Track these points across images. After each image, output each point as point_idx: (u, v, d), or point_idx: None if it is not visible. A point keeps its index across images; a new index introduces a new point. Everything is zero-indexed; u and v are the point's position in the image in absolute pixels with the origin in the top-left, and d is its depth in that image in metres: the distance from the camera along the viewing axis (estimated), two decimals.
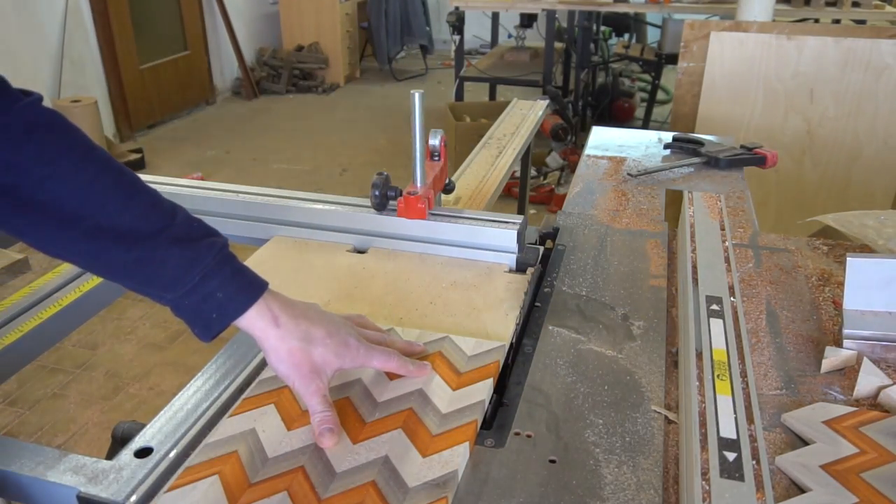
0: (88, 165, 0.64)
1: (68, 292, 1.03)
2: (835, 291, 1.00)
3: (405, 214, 1.02)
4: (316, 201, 1.12)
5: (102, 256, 0.65)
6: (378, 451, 0.67)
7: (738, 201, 1.29)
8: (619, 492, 0.64)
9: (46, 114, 0.63)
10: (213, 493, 0.63)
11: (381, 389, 0.76)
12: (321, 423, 0.68)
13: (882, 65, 2.23)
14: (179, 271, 0.66)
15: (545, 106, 1.83)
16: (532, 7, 3.79)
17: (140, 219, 0.65)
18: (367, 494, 0.62)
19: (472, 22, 4.78)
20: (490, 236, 1.02)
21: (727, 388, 0.71)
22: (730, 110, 2.41)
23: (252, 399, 0.75)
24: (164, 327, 2.67)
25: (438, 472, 0.65)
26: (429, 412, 0.72)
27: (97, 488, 0.67)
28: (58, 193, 0.62)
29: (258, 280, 0.71)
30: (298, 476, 0.64)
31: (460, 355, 0.81)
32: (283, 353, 0.70)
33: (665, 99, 5.18)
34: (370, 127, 5.08)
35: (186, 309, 0.67)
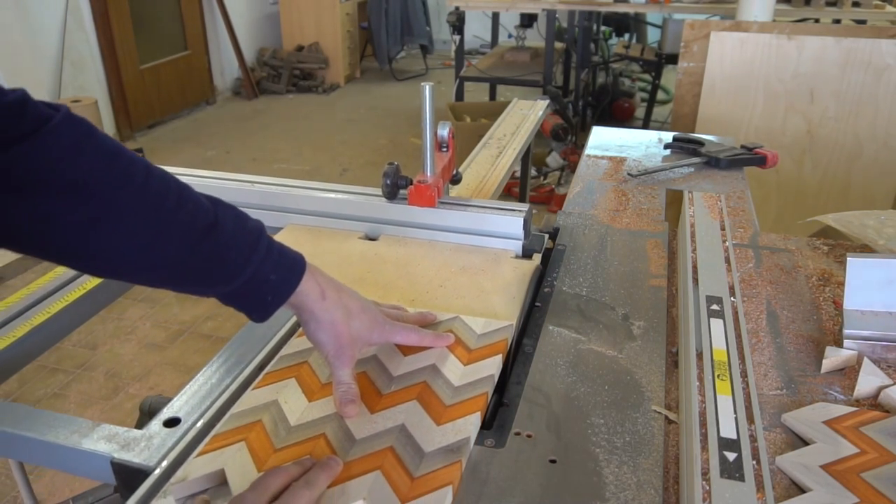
0: (134, 200, 0.61)
1: (69, 291, 1.04)
2: (835, 291, 1.00)
3: (415, 202, 1.06)
4: (329, 191, 1.15)
5: (164, 277, 0.65)
6: (395, 419, 0.71)
7: (739, 201, 1.29)
8: (620, 492, 0.64)
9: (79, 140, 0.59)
10: (240, 457, 0.66)
11: (395, 364, 0.80)
12: (345, 395, 0.71)
13: (882, 65, 2.23)
14: (237, 264, 0.67)
15: (545, 106, 1.83)
16: (532, 7, 3.79)
17: (191, 219, 0.64)
18: (386, 458, 0.65)
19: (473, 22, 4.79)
20: (497, 224, 1.06)
21: (727, 388, 0.71)
22: (730, 110, 2.41)
23: (274, 373, 0.79)
24: (164, 327, 2.67)
25: (452, 439, 0.68)
26: (442, 385, 0.76)
27: (130, 455, 0.71)
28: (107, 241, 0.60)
29: (298, 256, 0.73)
30: (320, 442, 0.68)
31: (470, 334, 0.84)
32: (326, 324, 0.72)
33: (665, 99, 5.18)
34: (370, 127, 5.07)
35: (241, 297, 0.69)
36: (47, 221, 0.56)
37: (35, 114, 0.56)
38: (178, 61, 5.18)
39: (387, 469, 0.64)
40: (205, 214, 0.65)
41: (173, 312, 2.77)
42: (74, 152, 0.56)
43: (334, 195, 1.14)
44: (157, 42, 4.97)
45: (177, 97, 5.20)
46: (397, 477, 0.64)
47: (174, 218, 0.62)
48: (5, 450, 0.78)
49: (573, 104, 4.39)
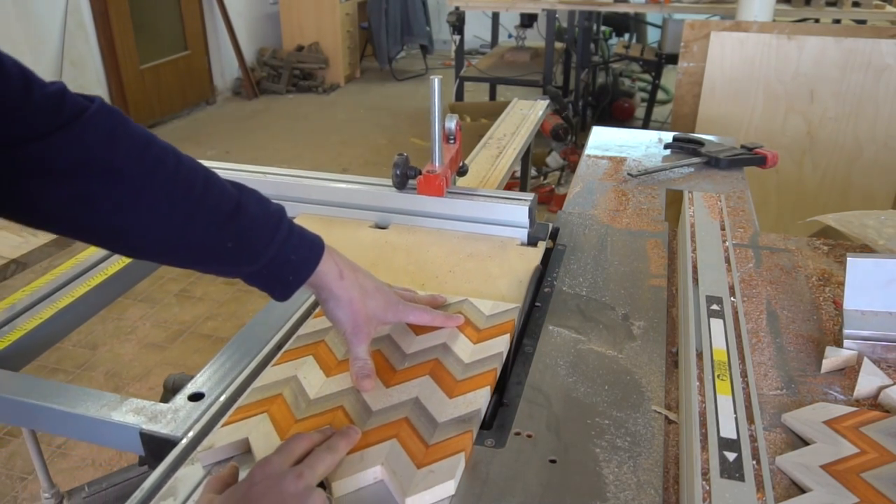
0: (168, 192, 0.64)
1: (91, 276, 1.09)
2: (835, 291, 1.00)
3: (424, 191, 1.10)
4: (340, 181, 1.19)
5: (192, 257, 0.69)
6: (409, 393, 0.74)
7: (739, 201, 1.28)
8: (620, 492, 0.64)
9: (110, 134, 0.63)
10: (263, 427, 0.70)
11: (408, 343, 0.83)
12: (362, 370, 0.75)
13: (882, 65, 2.23)
14: (261, 245, 0.70)
15: (545, 106, 1.83)
16: (532, 7, 3.79)
17: (218, 203, 0.67)
18: (402, 428, 0.69)
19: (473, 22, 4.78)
20: (503, 212, 1.09)
21: (727, 388, 0.71)
22: (730, 110, 2.41)
23: (292, 351, 0.83)
24: (165, 327, 2.67)
25: (464, 410, 0.71)
26: (452, 362, 0.79)
27: (157, 426, 0.76)
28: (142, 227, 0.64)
29: (317, 238, 0.76)
30: (339, 413, 0.72)
31: (479, 315, 0.88)
32: (344, 302, 0.76)
33: (665, 99, 5.18)
34: (370, 127, 5.07)
35: (263, 277, 0.72)
36: (85, 204, 0.60)
37: (73, 104, 0.59)
38: (178, 61, 5.18)
39: (403, 437, 0.68)
40: (230, 199, 0.68)
41: (173, 312, 2.77)
42: (109, 140, 0.60)
43: (345, 185, 1.17)
44: (157, 42, 4.97)
45: (177, 97, 5.20)
46: (413, 444, 0.67)
47: (202, 202, 0.66)
48: (39, 423, 0.83)
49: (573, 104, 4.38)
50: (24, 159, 0.57)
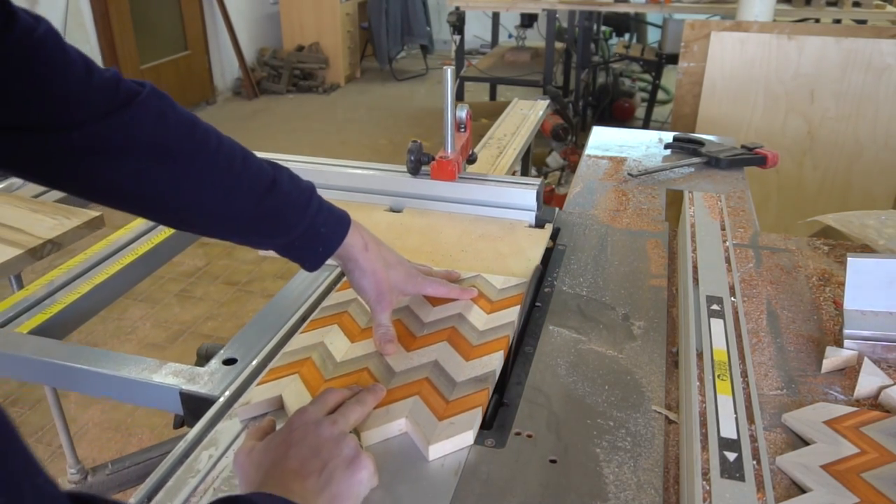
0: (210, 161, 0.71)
1: (122, 256, 1.15)
2: (835, 291, 1.00)
3: (438, 176, 1.16)
4: (356, 167, 1.25)
5: (232, 228, 0.75)
6: (429, 356, 0.80)
7: (739, 201, 1.28)
8: (620, 492, 0.64)
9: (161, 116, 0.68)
10: (295, 386, 0.76)
11: (426, 313, 0.89)
12: (384, 335, 0.82)
13: (883, 65, 2.22)
14: (294, 218, 0.76)
15: (545, 106, 1.83)
16: (532, 7, 3.79)
17: (256, 179, 0.73)
18: (423, 386, 0.75)
19: (473, 22, 4.78)
20: (512, 196, 1.15)
21: (727, 388, 0.71)
22: (730, 110, 2.40)
23: (318, 320, 0.89)
24: (165, 327, 2.67)
25: (480, 371, 0.77)
26: (468, 329, 0.85)
27: (196, 386, 0.82)
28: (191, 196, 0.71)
29: (343, 213, 0.82)
30: (364, 374, 0.78)
31: (491, 289, 0.94)
32: (369, 273, 0.82)
33: (665, 99, 5.18)
34: (370, 127, 5.07)
35: (296, 248, 0.78)
36: (138, 179, 0.66)
37: (126, 88, 0.65)
38: (179, 61, 5.18)
39: (424, 394, 0.74)
40: (266, 175, 0.74)
41: (173, 312, 2.77)
42: (160, 121, 0.67)
43: (362, 171, 1.23)
44: (158, 42, 4.97)
45: (177, 97, 5.09)
46: (433, 400, 0.73)
47: (241, 177, 0.72)
48: (85, 386, 0.90)
49: (573, 104, 4.38)
50: (84, 139, 0.63)
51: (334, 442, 0.64)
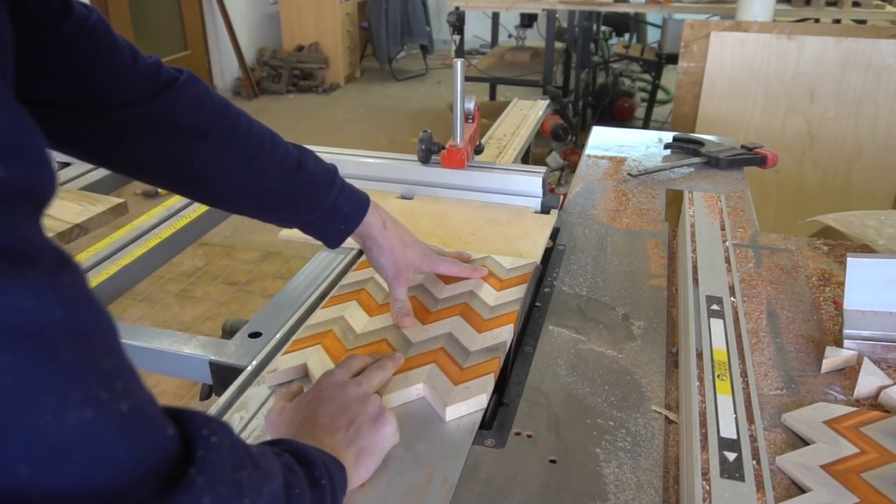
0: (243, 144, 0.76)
1: (146, 241, 1.18)
2: (835, 291, 1.00)
3: (447, 164, 1.21)
4: (367, 156, 1.31)
5: (262, 206, 0.80)
6: (443, 329, 0.86)
7: (739, 201, 1.28)
8: (620, 492, 0.64)
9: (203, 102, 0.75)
10: (318, 354, 0.82)
11: (439, 290, 0.95)
12: (401, 310, 0.87)
13: (882, 65, 2.22)
14: (318, 196, 0.81)
15: (545, 106, 1.83)
16: (532, 7, 3.79)
17: (283, 159, 0.78)
18: (439, 355, 0.80)
19: (472, 22, 4.78)
20: (519, 183, 1.20)
21: (727, 388, 0.71)
22: (730, 110, 2.40)
23: (337, 297, 0.94)
24: (165, 327, 2.67)
25: (491, 342, 0.82)
26: (479, 305, 0.90)
27: (224, 357, 0.87)
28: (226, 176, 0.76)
29: (363, 193, 0.87)
30: (383, 345, 0.83)
31: (500, 269, 0.99)
32: (387, 250, 0.87)
33: (665, 99, 5.18)
34: (370, 127, 5.07)
35: (319, 226, 0.83)
36: (177, 157, 0.72)
37: (167, 74, 0.71)
38: (178, 61, 5.18)
39: (440, 362, 0.79)
40: (292, 156, 0.79)
41: (173, 312, 2.77)
42: (196, 104, 0.72)
43: (373, 160, 1.29)
44: (157, 42, 4.97)
45: None
46: (449, 367, 0.78)
47: (270, 157, 0.77)
48: None
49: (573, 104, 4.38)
50: (129, 119, 0.68)
51: (360, 401, 0.68)
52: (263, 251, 3.21)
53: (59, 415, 0.30)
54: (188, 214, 1.26)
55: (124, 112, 0.68)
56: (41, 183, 0.33)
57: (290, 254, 3.18)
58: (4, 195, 0.30)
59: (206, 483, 0.37)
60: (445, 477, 0.66)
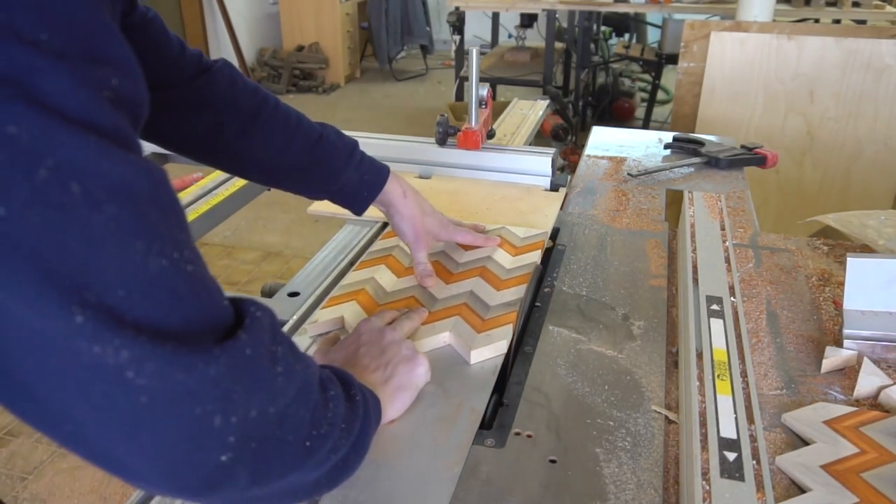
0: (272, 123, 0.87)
1: None
2: (835, 291, 1.00)
3: (463, 145, 1.31)
4: (388, 139, 1.40)
5: (290, 177, 0.89)
6: (465, 287, 0.94)
7: (739, 201, 1.29)
8: (620, 492, 0.64)
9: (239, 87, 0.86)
10: (353, 308, 0.90)
11: (459, 255, 1.03)
12: (424, 271, 0.95)
13: (882, 65, 2.22)
14: (341, 165, 0.89)
15: (545, 106, 1.83)
16: (532, 7, 3.79)
17: (307, 133, 0.87)
18: (462, 309, 0.89)
19: (472, 22, 4.78)
20: (529, 163, 1.30)
21: (727, 388, 0.71)
22: (730, 110, 2.40)
23: (366, 262, 1.02)
24: None
25: (509, 298, 0.90)
26: (496, 268, 0.98)
27: None
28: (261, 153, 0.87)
29: (384, 164, 0.94)
30: (412, 300, 0.92)
31: (514, 237, 1.07)
32: (407, 217, 0.94)
33: (665, 99, 5.18)
34: (370, 127, 5.06)
35: (345, 194, 0.91)
36: (214, 129, 0.83)
37: (207, 62, 0.83)
38: None
39: (464, 314, 0.87)
40: (315, 130, 0.89)
41: None
42: (231, 85, 0.84)
43: (393, 142, 1.38)
44: None
45: None
46: (472, 318, 0.86)
47: (296, 131, 0.87)
48: None
49: (573, 104, 4.38)
50: (177, 97, 0.80)
51: (396, 344, 0.77)
52: (263, 251, 3.21)
53: (145, 258, 0.40)
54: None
55: (174, 90, 0.79)
56: (140, 97, 0.44)
57: (290, 254, 3.18)
58: (115, 100, 0.40)
59: (249, 339, 0.45)
60: (473, 408, 0.74)
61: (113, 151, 0.39)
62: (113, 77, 0.41)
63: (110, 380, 0.39)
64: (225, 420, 0.43)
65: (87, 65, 0.39)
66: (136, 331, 0.39)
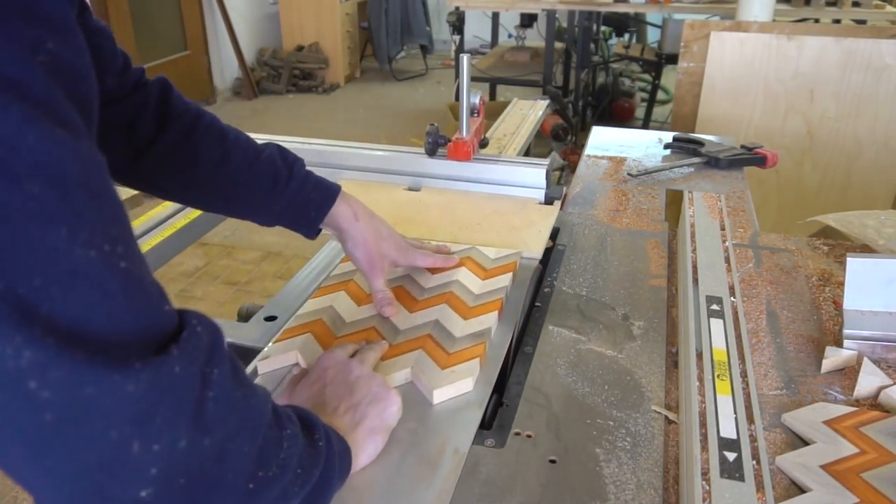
0: None
1: None
2: (835, 291, 1.00)
3: (454, 156, 1.23)
4: (376, 149, 1.32)
5: (232, 196, 0.83)
6: (430, 316, 0.87)
7: (739, 201, 1.28)
8: (620, 492, 0.64)
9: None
10: (308, 342, 0.83)
11: (425, 280, 0.96)
12: (382, 300, 0.88)
13: (882, 65, 2.22)
14: (282, 181, 0.83)
15: (545, 106, 1.83)
16: (532, 7, 3.79)
17: (246, 148, 0.83)
18: (426, 341, 0.82)
19: (472, 22, 4.78)
20: (523, 175, 1.22)
21: (727, 388, 0.71)
22: (730, 110, 2.40)
23: (326, 287, 0.96)
24: None
25: (477, 328, 0.84)
26: (464, 293, 0.92)
27: (242, 339, 0.89)
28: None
29: (334, 184, 0.88)
30: (372, 332, 0.85)
31: (485, 259, 1.01)
32: (360, 242, 0.87)
33: (665, 99, 5.18)
34: (370, 127, 5.07)
35: (290, 214, 0.85)
36: (148, 147, 0.78)
37: (144, 78, 0.80)
38: (178, 61, 5.18)
39: (427, 348, 0.81)
40: (253, 148, 0.83)
41: None
42: (164, 101, 0.80)
43: (381, 153, 1.30)
44: (157, 42, 4.97)
45: None
46: (436, 353, 0.80)
47: (233, 148, 0.81)
48: None
49: (573, 104, 4.38)
50: (114, 114, 0.74)
51: (366, 380, 0.70)
52: (263, 251, 3.21)
53: (69, 247, 0.35)
54: (188, 214, 1.26)
55: (111, 108, 0.74)
56: (83, 73, 0.41)
57: (290, 254, 3.18)
58: (50, 68, 0.36)
59: (181, 355, 0.40)
60: (456, 449, 0.69)
61: (42, 125, 0.35)
62: (49, 40, 0.36)
63: (10, 388, 0.34)
64: (145, 448, 0.37)
65: (17, 17, 0.34)
66: (44, 330, 0.34)
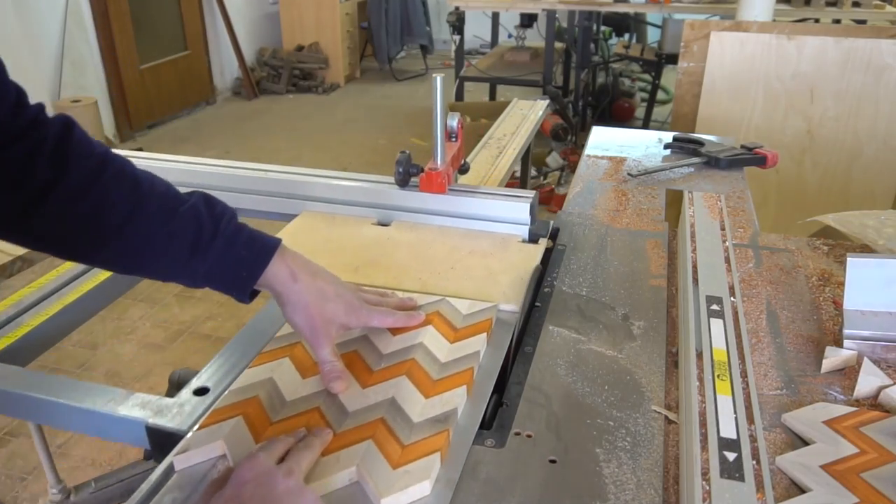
0: None
1: (96, 273, 1.09)
2: (835, 291, 1.00)
3: (427, 189, 1.10)
4: (342, 178, 1.19)
5: (146, 255, 0.72)
6: (385, 393, 0.74)
7: (739, 201, 1.28)
8: (620, 492, 0.64)
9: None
10: (238, 430, 0.69)
11: (385, 343, 0.83)
12: (330, 372, 0.75)
13: (882, 65, 2.22)
14: (207, 236, 0.71)
15: (545, 106, 1.83)
16: (532, 7, 3.79)
17: (164, 198, 0.71)
18: (378, 429, 0.69)
19: (472, 22, 4.77)
20: (505, 209, 1.09)
21: (727, 388, 0.71)
22: (730, 110, 2.40)
23: (268, 353, 0.82)
24: (164, 327, 2.67)
25: (440, 410, 0.71)
26: (429, 361, 0.79)
27: (164, 420, 0.76)
28: None
29: (273, 240, 0.76)
30: (315, 415, 0.72)
31: (456, 315, 0.88)
32: (300, 306, 0.75)
33: (665, 99, 5.18)
34: (370, 127, 5.07)
35: (218, 276, 0.73)
36: (43, 195, 0.66)
37: (44, 116, 0.69)
38: (178, 61, 5.18)
39: (378, 438, 0.68)
40: (173, 197, 0.72)
41: (173, 312, 2.77)
42: (65, 141, 0.68)
43: (347, 183, 1.17)
44: (157, 42, 4.97)
45: (177, 97, 5.20)
46: (388, 445, 0.67)
47: (148, 198, 0.70)
48: (46, 417, 0.85)
49: (573, 104, 4.39)
50: (4, 159, 0.64)
51: (292, 497, 0.58)
52: None
53: None
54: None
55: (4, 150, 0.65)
56: None
57: None
58: None
59: None
60: None
61: None
62: None
63: None
64: None
65: None
66: None
